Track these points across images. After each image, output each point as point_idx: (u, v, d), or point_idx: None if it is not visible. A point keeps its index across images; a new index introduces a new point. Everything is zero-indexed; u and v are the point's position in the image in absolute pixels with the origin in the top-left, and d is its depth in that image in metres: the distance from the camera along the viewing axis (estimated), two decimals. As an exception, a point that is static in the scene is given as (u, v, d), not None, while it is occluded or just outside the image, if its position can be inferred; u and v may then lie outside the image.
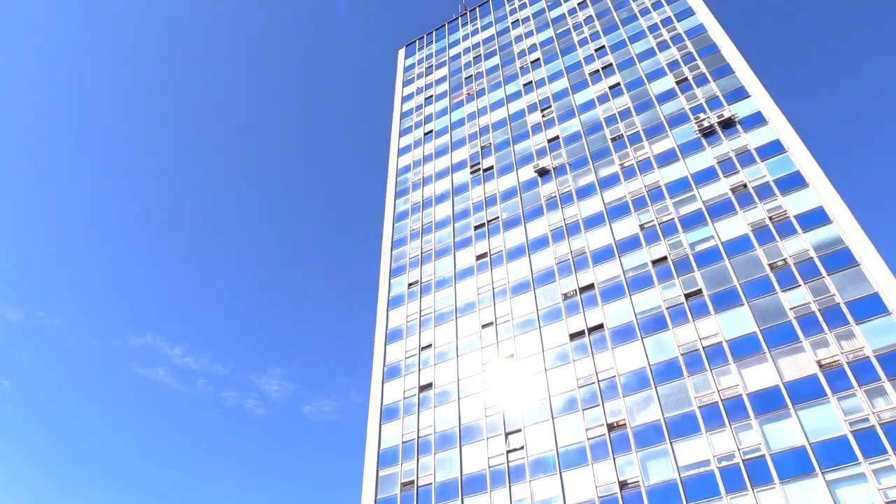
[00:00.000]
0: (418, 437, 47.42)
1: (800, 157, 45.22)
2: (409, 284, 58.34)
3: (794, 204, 43.24)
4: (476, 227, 58.58)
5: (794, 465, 33.43)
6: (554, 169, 58.17)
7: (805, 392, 35.29)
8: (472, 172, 64.25)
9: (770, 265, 41.21)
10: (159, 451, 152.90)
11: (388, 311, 57.77)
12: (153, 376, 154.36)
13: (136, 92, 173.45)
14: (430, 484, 44.39)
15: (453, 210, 61.92)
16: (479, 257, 56.03)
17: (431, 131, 72.99)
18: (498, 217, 58.00)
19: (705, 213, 46.58)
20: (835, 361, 35.42)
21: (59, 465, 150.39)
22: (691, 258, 44.76)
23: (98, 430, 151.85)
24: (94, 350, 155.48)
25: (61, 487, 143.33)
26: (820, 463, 32.70)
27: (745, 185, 46.26)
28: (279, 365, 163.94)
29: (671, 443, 37.61)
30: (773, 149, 47.10)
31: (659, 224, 48.10)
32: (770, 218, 43.42)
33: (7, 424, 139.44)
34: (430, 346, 52.43)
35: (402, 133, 76.28)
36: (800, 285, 39.36)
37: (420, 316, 55.09)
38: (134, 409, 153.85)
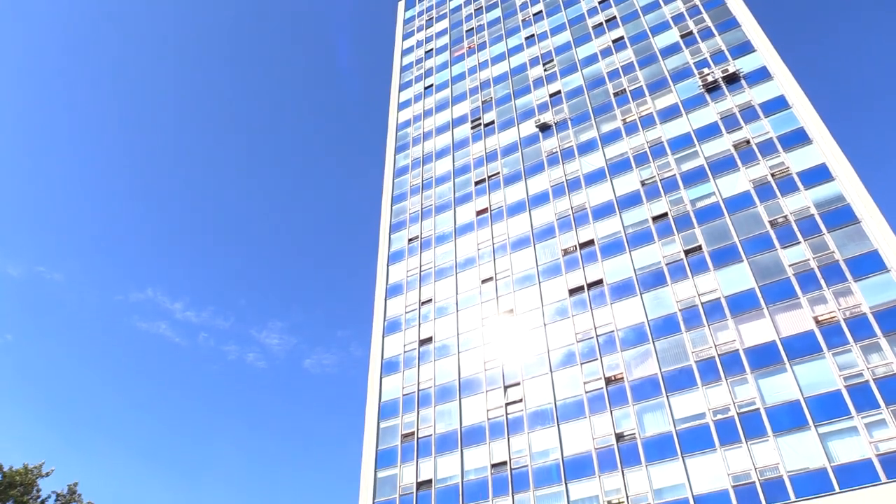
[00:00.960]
0: (418, 390, 48.15)
1: (804, 113, 44.85)
2: (410, 240, 58.45)
3: (797, 161, 43.06)
4: (476, 183, 58.40)
5: (787, 418, 34.06)
6: (555, 124, 57.70)
7: (801, 348, 35.73)
8: (472, 127, 63.73)
9: (770, 222, 41.26)
10: (162, 404, 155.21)
11: (388, 266, 58.01)
12: (155, 330, 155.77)
13: (133, 34, 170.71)
14: (430, 435, 45.24)
15: (454, 165, 61.62)
16: (479, 213, 56.01)
17: (432, 85, 72.13)
18: (499, 172, 57.76)
19: (707, 169, 46.41)
20: (832, 318, 35.76)
21: (62, 419, 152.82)
22: (692, 214, 44.77)
23: (101, 384, 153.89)
24: (95, 305, 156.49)
25: (64, 440, 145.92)
26: (813, 416, 33.31)
27: (747, 142, 45.99)
28: (279, 319, 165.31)
29: (667, 396, 38.22)
30: (777, 105, 46.67)
31: (660, 180, 47.96)
32: (772, 175, 43.29)
33: (10, 378, 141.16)
34: (430, 300, 52.82)
35: (402, 87, 75.39)
36: (799, 242, 39.49)
37: (420, 271, 55.35)
38: (136, 363, 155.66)
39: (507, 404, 43.58)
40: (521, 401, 43.23)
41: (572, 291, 46.30)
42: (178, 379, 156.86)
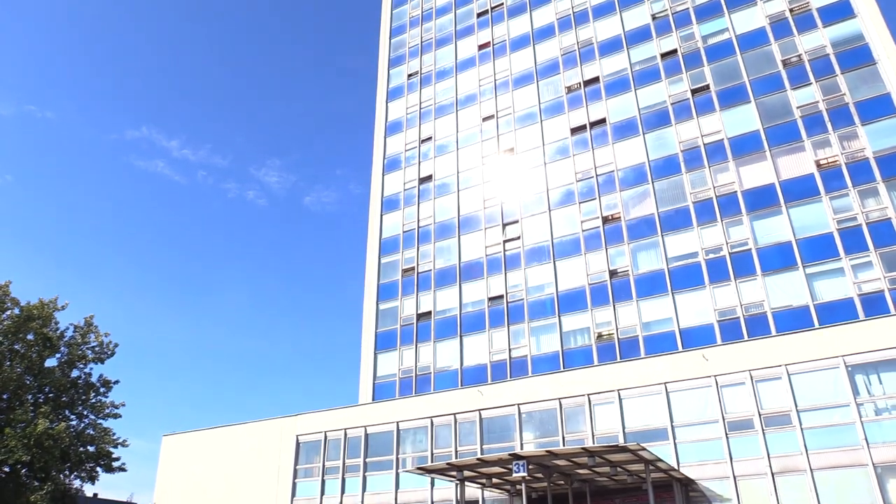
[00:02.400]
0: (418, 227, 49.09)
1: (832, -60, 41.78)
2: (409, 75, 56.66)
3: (818, -6, 40.84)
4: (479, 15, 55.55)
5: (777, 258, 35.19)
6: (565, -52, 53.78)
7: (799, 191, 36.09)
8: (475, -49, 59.40)
9: (783, 61, 39.94)
10: (167, 242, 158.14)
11: (387, 102, 56.73)
12: (153, 169, 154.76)
13: None
14: (430, 270, 46.80)
15: (455, -7, 58.19)
16: (481, 47, 53.85)
17: None
18: (502, 3, 54.74)
19: (722, 2, 44.09)
20: (834, 162, 35.77)
21: (70, 257, 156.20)
22: (702, 52, 43.21)
23: (105, 223, 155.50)
24: (90, 143, 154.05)
25: (75, 277, 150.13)
26: (802, 257, 34.40)
27: (768, -28, 43.30)
28: (277, 157, 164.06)
29: (662, 235, 39.16)
30: (804, -70, 43.40)
31: (672, 14, 45.72)
32: (790, 10, 41.25)
33: (15, 218, 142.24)
34: (430, 138, 52.31)
35: None
36: (811, 83, 38.50)
37: (420, 108, 54.25)
38: (137, 202, 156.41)
39: (505, 241, 44.69)
40: (518, 238, 44.27)
41: (574, 130, 45.78)
42: (179, 217, 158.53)
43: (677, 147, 41.14)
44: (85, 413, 43.67)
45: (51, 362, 43.00)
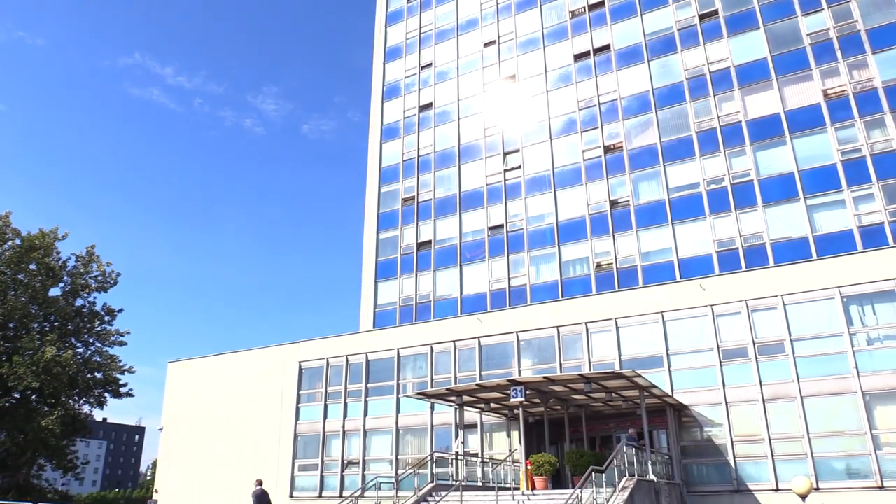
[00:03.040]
0: (418, 156, 48.66)
1: None
2: (408, -3, 54.92)
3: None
4: (481, -68, 53.29)
5: (779, 189, 35.06)
6: None
7: (804, 121, 35.60)
8: None
9: (795, -15, 38.67)
10: (166, 170, 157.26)
11: (386, 27, 55.19)
12: (148, 97, 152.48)
13: None
14: (430, 200, 46.68)
15: None
16: (483, -33, 51.92)
17: None
18: (505, -80, 52.45)
19: (735, -79, 42.29)
20: (841, 92, 35.12)
21: (69, 187, 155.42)
22: (712, -26, 41.76)
23: (102, 151, 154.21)
24: (83, 70, 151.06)
25: (74, 207, 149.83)
26: (804, 189, 34.26)
27: None
28: (274, 83, 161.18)
29: (664, 165, 38.89)
30: None
31: (682, -67, 43.90)
32: (805, -71, 39.61)
33: (11, 148, 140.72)
34: (430, 65, 51.17)
35: None
36: (822, 9, 37.34)
37: (420, 33, 52.82)
38: (133, 131, 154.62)
39: (506, 170, 44.40)
40: (519, 167, 43.97)
41: (577, 57, 44.74)
42: (177, 147, 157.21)
43: (682, 75, 40.33)
44: (91, 341, 44.55)
45: (55, 292, 43.58)
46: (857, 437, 23.44)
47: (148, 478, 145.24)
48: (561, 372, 28.27)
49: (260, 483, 21.97)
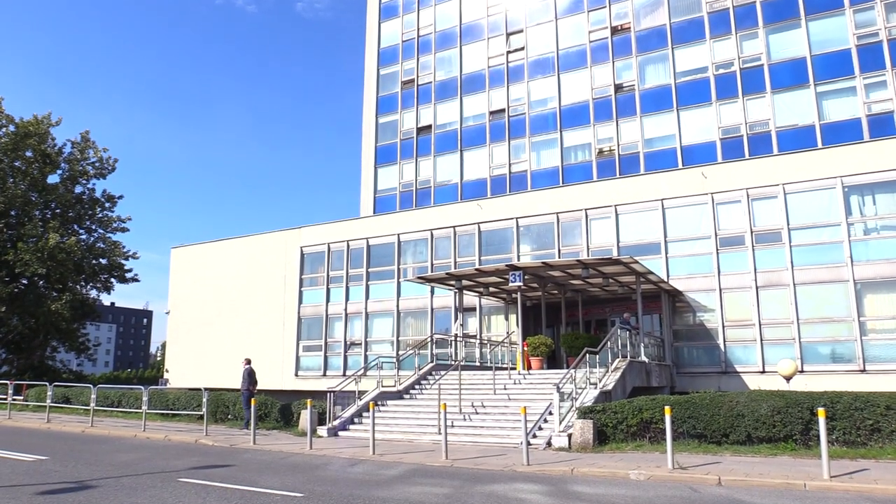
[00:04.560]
0: (418, 36, 46.93)
1: None
2: None
3: None
4: None
5: (788, 75, 34.12)
6: None
7: (821, 3, 34.06)
8: None
9: None
10: (155, 51, 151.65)
11: None
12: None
13: None
14: (430, 83, 45.50)
15: None
16: None
17: None
18: None
19: None
20: (863, -32, 33.40)
21: (59, 70, 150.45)
22: None
23: (86, 33, 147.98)
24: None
25: (66, 91, 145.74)
26: (815, 75, 33.34)
27: None
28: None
29: (673, 48, 37.65)
30: None
31: None
32: None
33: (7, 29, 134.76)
34: (430, -65, 48.26)
35: None
36: None
37: None
38: (121, 7, 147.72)
39: (509, 52, 43.01)
40: (522, 49, 42.56)
41: (587, -71, 42.16)
42: (166, 24, 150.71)
43: (697, -51, 38.17)
44: (93, 227, 44.82)
45: (53, 179, 43.35)
46: (845, 324, 24.12)
47: (158, 359, 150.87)
48: (559, 258, 28.66)
49: (248, 361, 23.73)
